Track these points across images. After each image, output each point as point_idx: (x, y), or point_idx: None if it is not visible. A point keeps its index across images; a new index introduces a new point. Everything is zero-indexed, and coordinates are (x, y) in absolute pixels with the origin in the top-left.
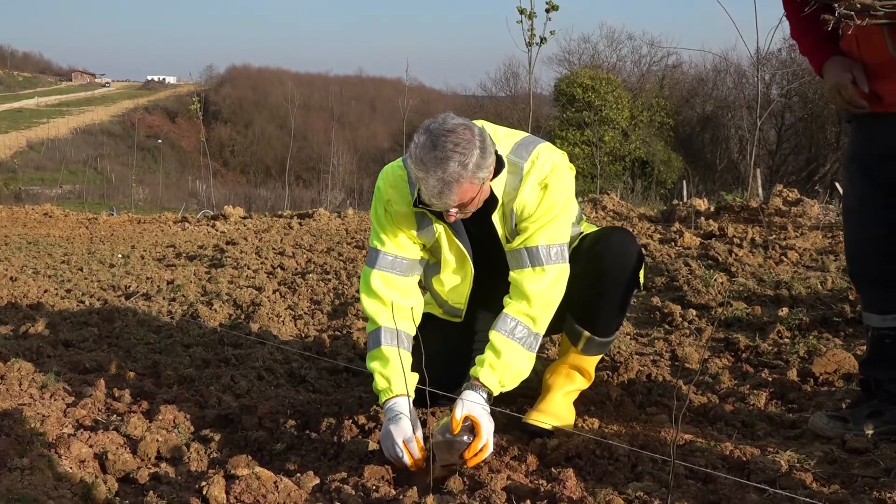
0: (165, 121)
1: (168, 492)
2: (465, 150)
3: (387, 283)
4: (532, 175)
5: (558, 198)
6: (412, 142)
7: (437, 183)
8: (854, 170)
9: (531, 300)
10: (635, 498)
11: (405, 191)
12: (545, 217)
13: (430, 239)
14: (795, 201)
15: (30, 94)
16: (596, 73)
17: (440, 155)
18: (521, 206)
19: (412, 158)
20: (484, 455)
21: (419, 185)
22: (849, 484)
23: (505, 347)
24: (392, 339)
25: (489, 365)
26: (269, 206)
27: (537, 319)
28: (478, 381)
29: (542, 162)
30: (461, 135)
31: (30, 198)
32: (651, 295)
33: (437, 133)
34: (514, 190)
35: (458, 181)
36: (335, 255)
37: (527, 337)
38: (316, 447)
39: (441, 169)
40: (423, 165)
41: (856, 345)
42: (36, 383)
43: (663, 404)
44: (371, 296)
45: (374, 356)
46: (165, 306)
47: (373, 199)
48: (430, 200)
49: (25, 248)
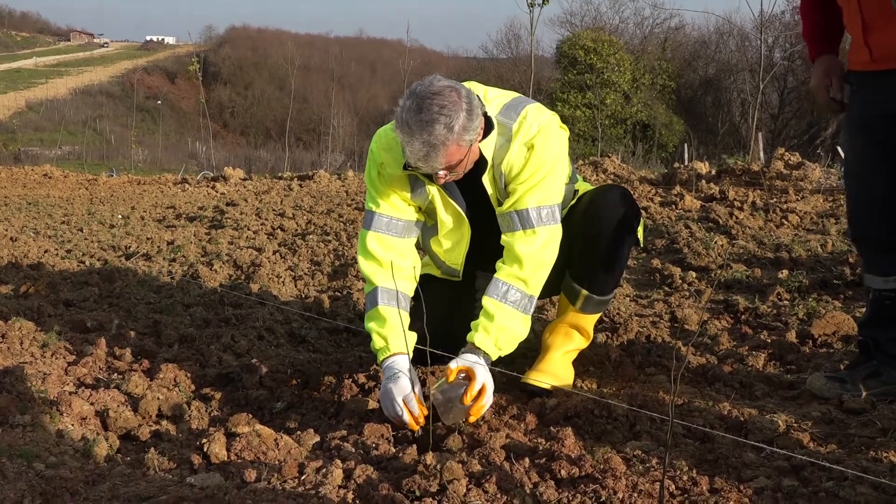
0: (165, 81)
1: (169, 449)
2: (451, 112)
3: (383, 245)
4: (519, 136)
5: (546, 158)
6: (398, 105)
7: (423, 146)
8: (854, 132)
9: (522, 263)
10: (633, 456)
11: (398, 153)
12: (533, 178)
13: (423, 201)
14: (797, 165)
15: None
16: (598, 35)
17: (425, 118)
18: (509, 167)
19: (398, 122)
20: (483, 401)
21: (405, 148)
22: (846, 444)
23: (498, 311)
24: (389, 300)
25: (483, 329)
26: (269, 167)
27: (529, 281)
28: (473, 345)
29: (530, 122)
30: (447, 97)
31: (29, 158)
32: (651, 257)
33: (422, 96)
34: (503, 151)
35: (444, 144)
36: (335, 217)
37: (520, 300)
38: (316, 406)
39: (426, 132)
40: (409, 129)
41: (855, 307)
42: (37, 342)
43: (662, 365)
44: (367, 257)
45: (371, 316)
46: (166, 266)
47: (366, 161)
48: (416, 164)
49: (25, 209)
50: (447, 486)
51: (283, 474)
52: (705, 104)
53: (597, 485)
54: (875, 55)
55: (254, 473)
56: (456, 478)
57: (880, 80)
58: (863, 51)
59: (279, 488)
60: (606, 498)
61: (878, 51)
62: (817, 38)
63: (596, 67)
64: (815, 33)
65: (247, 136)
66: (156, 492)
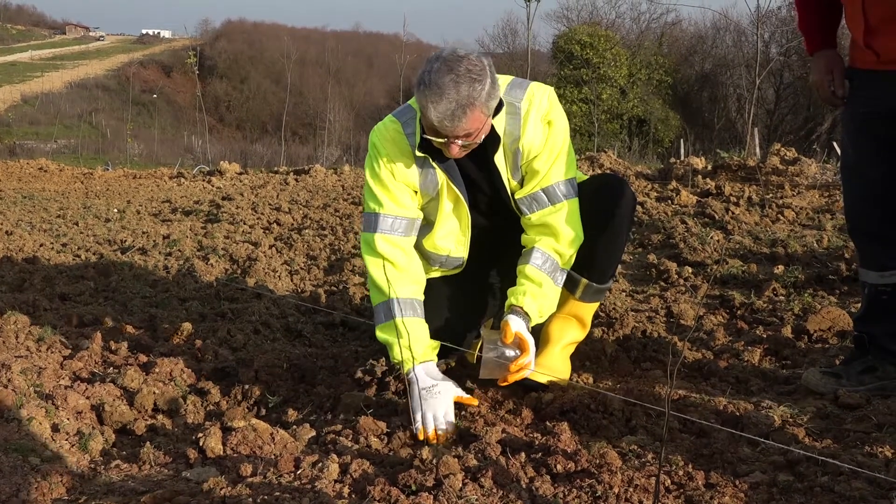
0: (161, 75)
1: (165, 443)
2: (481, 75)
3: (392, 245)
4: (532, 112)
5: (562, 131)
6: (421, 72)
7: (451, 105)
8: (853, 128)
9: (558, 236)
10: (629, 451)
11: (403, 143)
12: (553, 153)
13: (433, 189)
14: (793, 160)
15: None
16: (594, 29)
17: (456, 78)
18: (529, 144)
19: (423, 85)
20: (524, 374)
21: (429, 112)
22: (841, 438)
23: (544, 281)
24: (404, 310)
25: (531, 296)
26: (265, 161)
27: (564, 255)
28: (520, 308)
29: (539, 98)
30: (475, 63)
31: (24, 152)
32: (647, 252)
33: (451, 59)
34: (516, 129)
35: (473, 104)
36: (331, 211)
37: (555, 271)
38: (312, 400)
39: (456, 90)
40: (438, 88)
41: (850, 302)
42: (33, 336)
43: (658, 360)
44: (377, 260)
45: (387, 329)
46: (162, 261)
47: (366, 160)
48: (441, 124)
49: (21, 203)
50: (443, 480)
51: (279, 468)
52: (701, 99)
53: (593, 479)
54: (883, 58)
55: (250, 468)
56: (452, 472)
57: (887, 78)
58: (868, 51)
59: (275, 482)
60: (602, 492)
61: (886, 54)
62: (815, 29)
63: (592, 62)
64: (812, 25)
65: (243, 131)
66: (152, 486)
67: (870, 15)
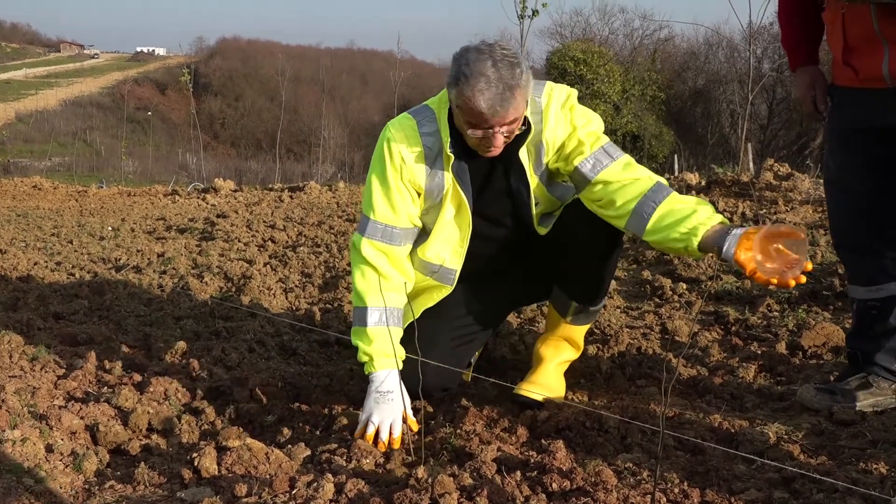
0: (155, 93)
1: (159, 463)
2: (516, 58)
3: (377, 250)
4: (552, 105)
5: (588, 112)
6: (454, 69)
7: (500, 88)
8: (835, 143)
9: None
10: (625, 469)
11: (416, 141)
12: (590, 125)
13: (437, 193)
14: (786, 175)
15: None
16: (588, 46)
17: (496, 63)
18: (552, 134)
19: (463, 77)
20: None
21: (477, 102)
22: (836, 455)
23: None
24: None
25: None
26: (259, 179)
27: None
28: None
29: (558, 91)
30: (506, 48)
31: (19, 170)
32: (642, 268)
33: (483, 49)
34: (538, 123)
35: (518, 86)
36: (326, 229)
37: None
38: (307, 419)
39: (500, 74)
40: (482, 76)
41: (844, 318)
42: (26, 355)
43: (653, 377)
44: (360, 263)
45: (358, 333)
46: (156, 279)
47: (374, 155)
48: (492, 110)
49: (15, 221)
50: (438, 499)
51: (273, 488)
52: (695, 115)
53: (588, 498)
54: (861, 75)
55: (244, 488)
56: (447, 491)
57: (865, 95)
58: (847, 68)
59: (270, 502)
60: None
61: (864, 72)
62: (798, 46)
63: (586, 79)
64: (795, 41)
65: (237, 148)
66: None
67: (848, 34)
